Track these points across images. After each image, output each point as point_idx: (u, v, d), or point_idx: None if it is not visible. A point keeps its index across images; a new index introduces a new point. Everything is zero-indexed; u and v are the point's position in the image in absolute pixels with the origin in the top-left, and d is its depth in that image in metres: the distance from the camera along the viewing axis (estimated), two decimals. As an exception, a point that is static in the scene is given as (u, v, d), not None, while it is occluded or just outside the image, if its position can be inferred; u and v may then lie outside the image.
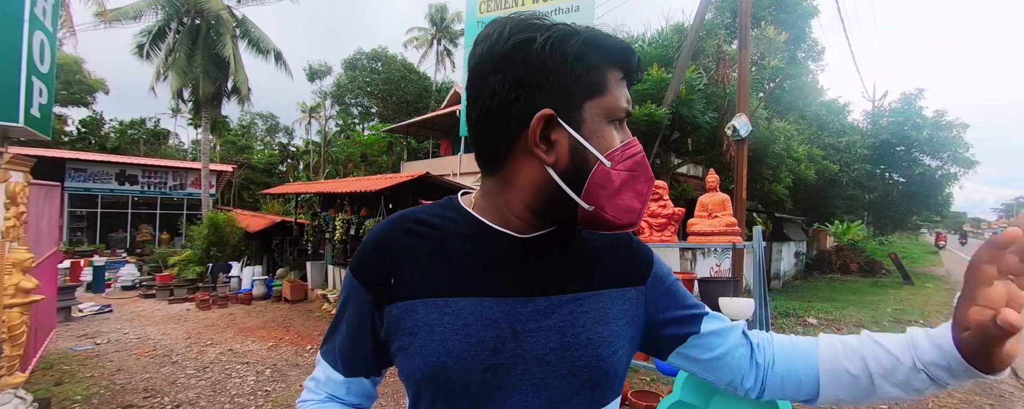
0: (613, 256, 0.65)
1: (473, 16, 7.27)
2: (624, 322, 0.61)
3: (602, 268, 0.63)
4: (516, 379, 0.55)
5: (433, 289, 0.57)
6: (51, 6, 3.41)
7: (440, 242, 0.60)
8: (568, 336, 0.56)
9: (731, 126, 6.31)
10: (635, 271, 0.66)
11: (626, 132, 0.58)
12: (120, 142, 25.76)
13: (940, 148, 13.73)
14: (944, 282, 12.83)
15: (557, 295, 0.58)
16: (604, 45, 0.54)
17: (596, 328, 0.58)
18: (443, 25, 27.46)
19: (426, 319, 0.56)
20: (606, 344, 0.58)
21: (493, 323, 0.55)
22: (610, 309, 0.61)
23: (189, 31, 13.12)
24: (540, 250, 0.59)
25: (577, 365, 0.56)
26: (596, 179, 0.53)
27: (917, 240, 39.21)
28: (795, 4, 12.79)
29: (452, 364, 0.54)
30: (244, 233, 11.25)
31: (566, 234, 0.62)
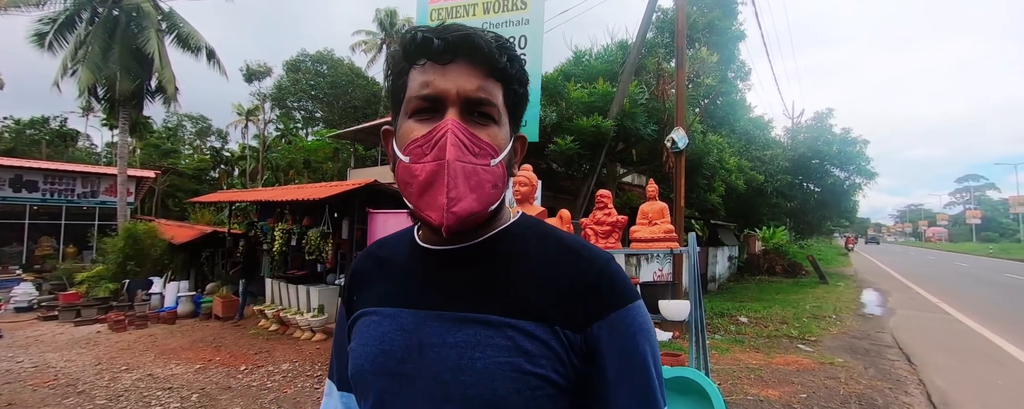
0: (551, 286, 0.54)
1: (424, 24, 7.24)
2: (536, 360, 0.51)
3: (530, 295, 0.54)
4: (414, 394, 0.53)
5: (375, 300, 0.62)
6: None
7: (389, 259, 0.65)
8: (466, 358, 0.51)
9: (670, 138, 6.72)
10: (568, 311, 0.53)
11: (439, 120, 0.52)
12: (16, 143, 22.79)
13: (847, 161, 15.39)
14: (853, 281, 14.32)
15: (464, 312, 0.54)
16: (401, 48, 0.55)
17: (497, 358, 0.51)
18: (393, 30, 26.97)
19: (363, 326, 0.60)
20: (506, 379, 0.50)
21: (405, 333, 0.56)
22: (523, 343, 0.51)
23: (105, 22, 11.92)
24: (457, 264, 0.58)
25: (470, 393, 0.50)
26: (399, 176, 0.54)
27: (831, 243, 43.48)
28: (725, 28, 13.91)
29: (367, 367, 0.57)
30: (168, 245, 10.30)
31: (488, 249, 0.58)
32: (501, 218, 0.61)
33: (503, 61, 0.54)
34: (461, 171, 0.50)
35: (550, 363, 0.51)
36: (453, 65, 0.52)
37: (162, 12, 12.78)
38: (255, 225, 8.70)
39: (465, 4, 7.11)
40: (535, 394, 0.50)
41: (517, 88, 0.57)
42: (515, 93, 0.57)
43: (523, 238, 0.60)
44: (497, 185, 0.55)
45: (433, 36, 0.52)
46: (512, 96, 0.57)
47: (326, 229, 7.11)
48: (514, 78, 0.56)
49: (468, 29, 0.53)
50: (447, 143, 0.50)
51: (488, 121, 0.55)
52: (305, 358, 5.54)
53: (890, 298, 10.49)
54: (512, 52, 0.55)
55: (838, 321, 7.63)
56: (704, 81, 9.92)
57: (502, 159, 0.55)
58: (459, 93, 0.52)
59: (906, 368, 5.06)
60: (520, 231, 0.61)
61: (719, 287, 12.52)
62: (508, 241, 0.59)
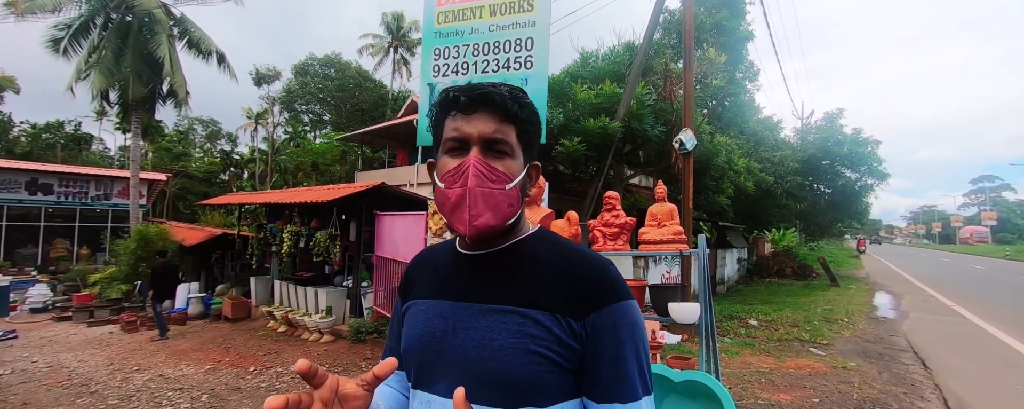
0: (555, 284, 0.69)
1: (430, 28, 7.25)
2: (547, 344, 0.65)
3: (539, 289, 0.69)
4: (448, 364, 0.69)
5: (423, 294, 0.79)
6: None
7: (435, 262, 0.83)
8: (487, 339, 0.67)
9: (678, 140, 6.67)
10: (572, 302, 0.67)
11: (465, 156, 0.70)
12: (32, 147, 23.22)
13: (858, 162, 15.19)
14: (865, 283, 14.09)
15: (490, 303, 0.70)
16: (439, 103, 0.73)
17: (510, 339, 0.65)
18: (400, 33, 27.15)
19: (412, 314, 0.78)
20: (516, 355, 0.64)
21: (443, 319, 0.72)
22: (529, 327, 0.66)
23: (118, 28, 12.12)
24: (484, 266, 0.74)
25: (490, 365, 0.65)
26: (437, 199, 0.72)
27: (842, 245, 42.89)
28: (733, 29, 13.82)
29: (415, 345, 0.74)
30: (179, 247, 10.42)
31: (509, 254, 0.74)
32: (520, 229, 0.77)
33: (514, 109, 0.70)
34: (480, 195, 0.67)
35: (551, 345, 0.65)
36: (476, 114, 0.69)
37: (174, 17, 12.97)
38: (264, 227, 8.77)
39: (471, 6, 7.13)
40: (539, 369, 0.64)
41: (528, 127, 0.73)
42: (526, 132, 0.73)
43: (538, 245, 0.75)
44: (512, 204, 0.70)
45: (460, 94, 0.69)
46: (524, 134, 0.73)
47: (334, 231, 7.15)
48: (524, 120, 0.72)
49: (487, 87, 0.69)
50: (469, 174, 0.67)
51: (503, 155, 0.71)
52: (313, 359, 5.55)
53: (903, 301, 10.31)
54: (523, 100, 0.71)
55: (850, 324, 7.51)
56: (712, 82, 9.85)
57: (516, 184, 0.71)
58: (480, 135, 0.69)
59: (921, 372, 4.97)
60: (536, 240, 0.77)
61: (728, 289, 12.39)
62: (526, 248, 0.75)
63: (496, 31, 6.99)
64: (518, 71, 6.81)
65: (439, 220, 5.01)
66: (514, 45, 6.85)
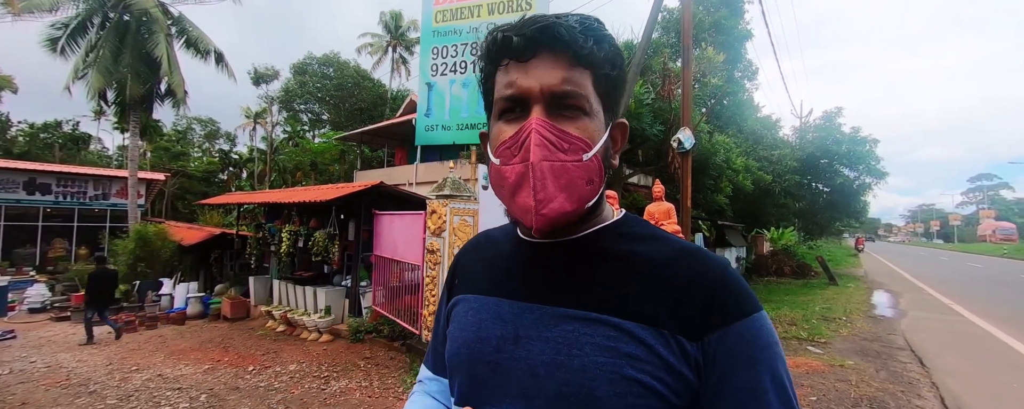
0: (664, 289, 0.51)
1: (428, 26, 7.27)
2: (650, 369, 0.48)
3: (635, 294, 0.51)
4: (506, 383, 0.53)
5: (474, 287, 0.63)
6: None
7: (489, 249, 0.67)
8: (562, 355, 0.50)
9: (677, 139, 6.67)
10: (684, 317, 0.50)
11: (525, 120, 0.52)
12: (30, 147, 23.17)
13: (857, 161, 15.21)
14: (863, 282, 14.12)
15: (564, 308, 0.53)
16: (485, 51, 0.54)
17: (597, 358, 0.49)
18: (398, 32, 27.12)
19: (461, 312, 0.62)
20: (605, 380, 0.48)
21: (502, 323, 0.56)
22: (624, 344, 0.49)
23: (115, 27, 12.09)
24: (559, 258, 0.56)
25: (565, 390, 0.49)
26: (492, 179, 0.56)
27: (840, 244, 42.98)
28: (731, 27, 13.82)
29: (463, 352, 0.58)
30: (178, 247, 10.42)
31: (591, 245, 0.56)
32: (602, 213, 0.59)
33: (588, 46, 0.50)
34: (549, 171, 0.49)
35: (656, 370, 0.48)
36: (535, 60, 0.50)
37: (171, 16, 12.94)
38: (263, 227, 8.76)
39: (469, 5, 7.14)
40: (637, 402, 0.47)
41: (609, 71, 0.53)
42: (606, 77, 0.53)
43: (628, 237, 0.57)
44: (592, 180, 0.52)
45: (512, 34, 0.50)
46: (603, 81, 0.53)
47: (333, 231, 7.14)
48: (604, 61, 0.52)
49: (548, 19, 0.50)
50: (531, 144, 0.49)
51: (578, 113, 0.52)
52: (312, 359, 5.56)
53: (901, 299, 10.33)
54: (599, 33, 0.52)
55: (848, 323, 7.53)
56: (710, 81, 9.86)
57: (596, 152, 0.52)
58: (543, 89, 0.50)
59: (919, 371, 4.98)
60: (624, 229, 0.58)
61: (727, 288, 12.40)
62: (612, 238, 0.56)
63: (494, 30, 7.01)
64: (516, 70, 6.83)
65: (438, 219, 5.02)
66: (512, 44, 6.87)
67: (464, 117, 6.88)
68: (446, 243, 4.99)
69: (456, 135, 6.90)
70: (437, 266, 4.99)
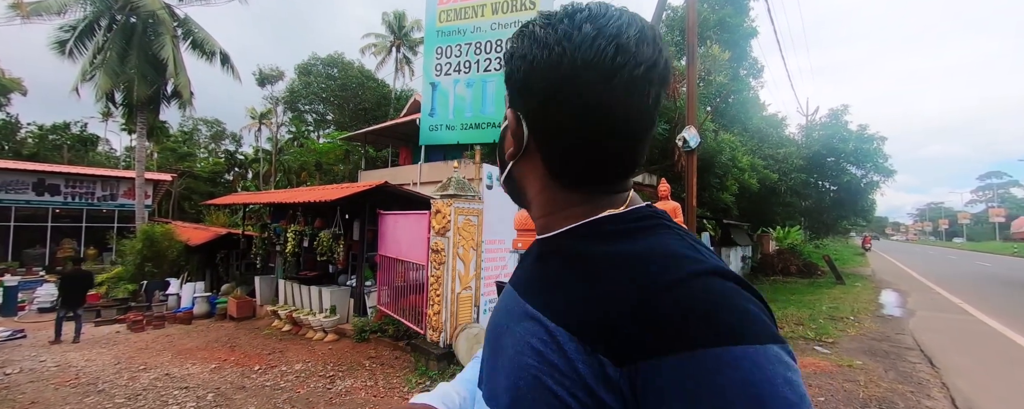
0: (598, 292, 0.44)
1: (432, 26, 7.27)
2: (561, 378, 0.43)
3: (575, 299, 0.46)
4: (496, 366, 0.54)
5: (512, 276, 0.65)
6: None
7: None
8: (516, 352, 0.49)
9: (681, 138, 6.64)
10: (611, 334, 0.41)
11: None
12: (39, 148, 23.42)
13: (864, 159, 15.08)
14: (871, 281, 14.00)
15: (526, 303, 0.52)
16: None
17: (528, 360, 0.46)
18: (402, 32, 27.17)
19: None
20: (531, 385, 0.45)
21: (506, 312, 0.57)
22: (552, 352, 0.44)
23: (122, 29, 12.19)
24: (540, 254, 0.57)
25: (512, 386, 0.48)
26: None
27: (847, 243, 42.64)
28: (737, 25, 13.75)
29: (486, 333, 0.61)
30: (184, 247, 10.49)
31: (562, 241, 0.53)
32: (583, 210, 0.54)
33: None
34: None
35: (573, 387, 0.42)
36: None
37: (177, 18, 13.04)
38: (268, 227, 8.81)
39: (473, 5, 7.14)
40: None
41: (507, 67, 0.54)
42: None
43: (595, 236, 0.50)
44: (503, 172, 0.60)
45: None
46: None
47: (338, 230, 7.17)
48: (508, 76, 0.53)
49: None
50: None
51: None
52: (317, 358, 5.59)
53: (910, 299, 10.23)
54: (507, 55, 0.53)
55: (856, 322, 7.46)
56: (715, 79, 9.81)
57: (504, 139, 0.58)
58: None
59: (928, 371, 4.93)
60: (599, 228, 0.51)
61: (732, 288, 12.34)
62: (576, 237, 0.52)
63: (498, 29, 7.00)
64: (520, 69, 6.80)
65: (442, 219, 5.02)
66: (516, 43, 6.84)
67: (468, 117, 6.87)
68: (450, 243, 4.99)
69: (460, 135, 6.89)
70: (441, 266, 4.99)
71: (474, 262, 5.21)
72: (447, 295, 4.98)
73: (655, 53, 0.46)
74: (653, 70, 0.46)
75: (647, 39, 0.47)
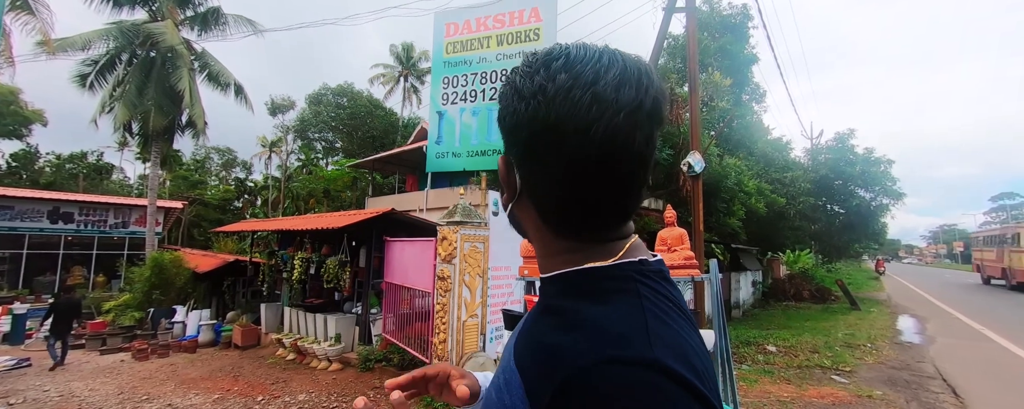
0: (545, 335, 0.48)
1: (439, 57, 7.50)
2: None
3: (527, 346, 0.49)
4: None
5: None
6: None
7: None
8: (498, 373, 0.54)
9: (686, 163, 6.68)
10: (535, 378, 0.45)
11: None
12: (56, 177, 23.98)
13: (872, 182, 14.98)
14: (886, 306, 13.64)
15: (516, 332, 0.57)
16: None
17: (492, 395, 0.52)
18: (410, 63, 27.98)
19: None
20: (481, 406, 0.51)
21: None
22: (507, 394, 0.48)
23: (142, 63, 12.69)
24: (540, 289, 0.58)
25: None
26: None
27: (860, 266, 41.78)
28: (737, 52, 14.02)
29: None
30: (192, 274, 10.54)
31: (546, 287, 0.55)
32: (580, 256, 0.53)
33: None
34: None
35: None
36: None
37: (195, 52, 13.56)
38: (275, 254, 8.85)
39: (479, 37, 7.37)
40: None
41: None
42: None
43: (574, 290, 0.50)
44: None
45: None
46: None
47: (344, 258, 7.19)
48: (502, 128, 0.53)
49: None
50: None
51: None
52: (321, 389, 5.49)
53: (928, 325, 9.93)
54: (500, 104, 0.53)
55: (874, 350, 7.24)
56: (718, 104, 9.93)
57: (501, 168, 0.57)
58: None
59: (952, 401, 4.74)
60: (578, 282, 0.50)
61: (744, 314, 12.07)
62: (564, 289, 0.51)
63: (504, 59, 7.20)
64: (525, 98, 6.95)
65: (448, 246, 5.03)
66: (521, 73, 7.02)
67: (474, 144, 6.98)
68: (457, 270, 4.98)
69: (466, 162, 6.98)
70: (447, 293, 4.96)
71: (480, 289, 5.18)
72: (453, 323, 4.93)
73: (638, 95, 0.45)
74: (637, 113, 0.44)
75: (629, 81, 0.45)
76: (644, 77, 0.46)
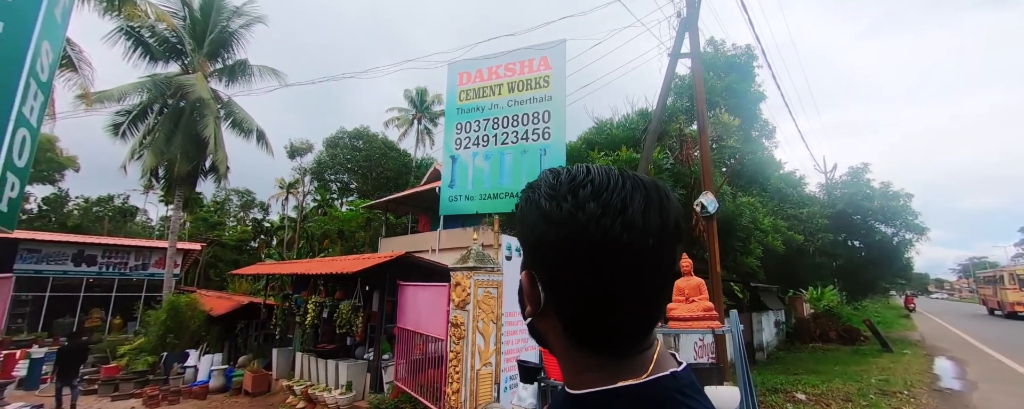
0: None
1: (453, 104, 7.79)
2: None
3: None
4: None
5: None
6: (39, 105, 3.49)
7: None
8: None
9: (699, 203, 6.65)
10: None
11: None
12: (83, 220, 24.80)
13: (892, 216, 14.67)
14: (921, 348, 12.93)
15: None
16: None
17: None
18: (423, 106, 29.00)
19: None
20: None
21: None
22: None
23: (172, 113, 13.39)
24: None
25: None
26: None
27: (888, 303, 40.00)
28: (744, 91, 14.25)
29: None
30: (206, 317, 10.57)
31: (576, 405, 0.55)
32: (597, 376, 0.53)
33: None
34: None
35: None
36: None
37: (222, 102, 14.29)
38: (289, 297, 8.88)
39: (491, 85, 7.67)
40: None
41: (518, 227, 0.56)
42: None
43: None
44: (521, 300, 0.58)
45: None
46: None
47: (357, 302, 7.17)
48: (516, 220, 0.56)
49: None
50: None
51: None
52: (331, 441, 5.33)
53: (969, 369, 9.36)
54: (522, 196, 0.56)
55: (911, 398, 6.81)
56: (728, 143, 9.99)
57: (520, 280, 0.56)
58: None
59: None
60: (612, 404, 0.50)
61: (768, 357, 11.55)
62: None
63: (515, 106, 7.43)
64: (536, 142, 7.10)
65: (462, 292, 5.00)
66: (532, 118, 7.22)
67: (486, 187, 7.09)
68: (470, 316, 4.93)
69: (479, 205, 7.07)
70: (461, 340, 4.89)
71: (494, 336, 5.09)
72: (467, 372, 4.82)
73: (663, 218, 0.48)
74: (663, 234, 0.47)
75: (653, 205, 0.48)
76: (665, 200, 0.50)
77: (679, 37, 7.52)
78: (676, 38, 7.56)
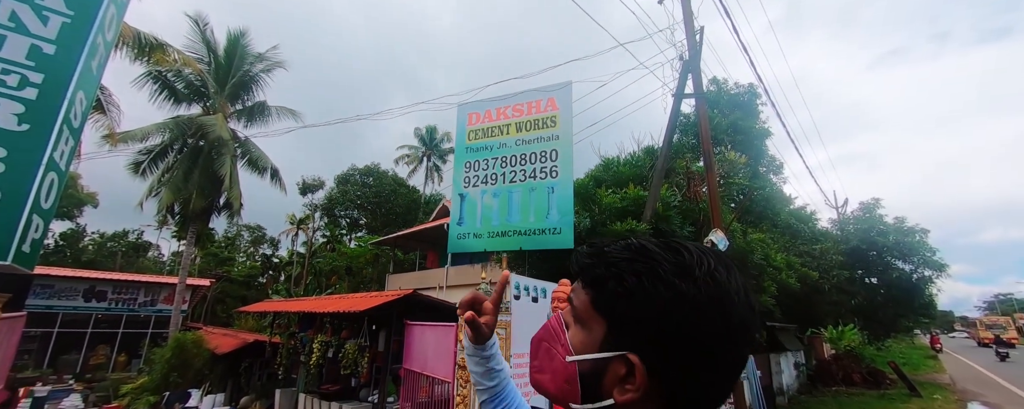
0: None
1: (462, 144, 7.98)
2: None
3: None
4: None
5: None
6: (69, 149, 3.65)
7: None
8: None
9: (709, 241, 6.59)
10: None
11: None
12: (97, 255, 25.14)
13: (909, 252, 14.31)
14: (951, 391, 12.25)
15: None
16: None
17: None
18: (433, 144, 29.68)
19: None
20: None
21: None
22: None
23: (191, 151, 13.86)
24: None
25: None
26: None
27: (913, 343, 38.28)
28: (749, 127, 14.43)
29: None
30: (211, 355, 10.45)
31: None
32: None
33: (582, 262, 0.58)
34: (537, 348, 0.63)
35: None
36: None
37: (239, 141, 14.78)
38: (295, 335, 8.79)
39: (499, 125, 7.87)
40: None
41: (612, 287, 0.53)
42: (608, 294, 0.53)
43: None
44: (567, 383, 0.55)
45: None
46: (604, 298, 0.54)
47: (364, 342, 7.08)
48: (601, 280, 0.54)
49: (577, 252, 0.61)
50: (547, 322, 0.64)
51: (573, 320, 0.58)
52: (332, 491, 5.11)
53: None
54: (608, 257, 0.55)
55: (946, 449, 6.40)
56: (735, 180, 10.01)
57: (575, 360, 0.54)
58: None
59: None
60: None
61: (789, 401, 11.00)
62: None
63: (523, 145, 7.59)
64: (544, 180, 7.21)
65: (469, 332, 4.92)
66: (540, 157, 7.36)
67: (495, 225, 7.13)
68: (478, 357, 4.82)
69: (487, 243, 7.08)
70: (468, 384, 4.76)
71: (502, 378, 4.95)
72: (473, 417, 4.66)
73: (747, 291, 0.53)
74: (751, 300, 0.53)
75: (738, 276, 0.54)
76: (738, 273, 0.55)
77: (682, 78, 7.74)
78: (679, 79, 7.78)
